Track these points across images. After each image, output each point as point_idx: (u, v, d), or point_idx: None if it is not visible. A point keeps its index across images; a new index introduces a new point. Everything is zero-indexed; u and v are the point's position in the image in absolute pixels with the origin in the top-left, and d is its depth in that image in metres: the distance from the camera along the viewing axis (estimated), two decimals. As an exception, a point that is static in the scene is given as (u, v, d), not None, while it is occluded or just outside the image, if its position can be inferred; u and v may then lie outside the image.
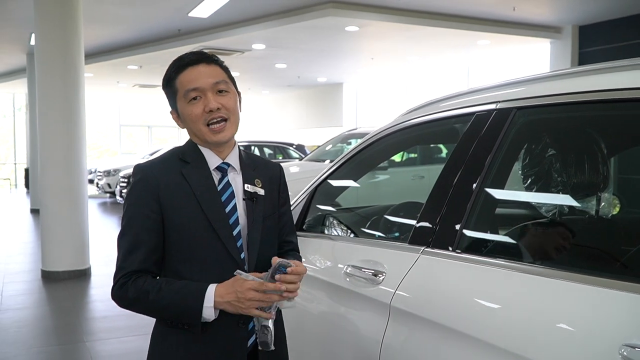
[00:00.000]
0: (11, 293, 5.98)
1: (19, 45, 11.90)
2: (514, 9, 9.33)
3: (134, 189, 1.60)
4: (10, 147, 22.71)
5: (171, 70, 1.61)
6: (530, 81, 1.73)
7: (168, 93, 1.64)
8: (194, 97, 1.57)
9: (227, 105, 1.60)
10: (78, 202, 6.61)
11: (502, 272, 1.53)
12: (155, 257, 1.57)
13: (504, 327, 1.42)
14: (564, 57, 10.83)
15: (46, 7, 6.43)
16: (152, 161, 1.65)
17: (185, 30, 10.67)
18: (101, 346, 4.37)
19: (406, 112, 2.23)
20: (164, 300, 1.50)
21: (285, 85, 18.90)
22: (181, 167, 1.61)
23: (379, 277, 1.87)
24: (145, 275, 1.55)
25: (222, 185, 1.63)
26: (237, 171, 1.67)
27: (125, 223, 1.59)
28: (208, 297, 1.49)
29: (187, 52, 1.65)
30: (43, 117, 6.56)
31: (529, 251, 1.73)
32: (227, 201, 1.61)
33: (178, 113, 1.64)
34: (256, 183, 1.66)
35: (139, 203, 1.57)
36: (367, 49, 12.47)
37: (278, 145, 14.48)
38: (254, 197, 1.64)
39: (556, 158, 1.79)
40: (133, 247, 1.55)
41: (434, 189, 1.86)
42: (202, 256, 1.57)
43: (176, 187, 1.58)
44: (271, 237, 1.69)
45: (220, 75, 1.61)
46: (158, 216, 1.56)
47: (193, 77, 1.58)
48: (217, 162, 1.64)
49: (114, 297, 1.57)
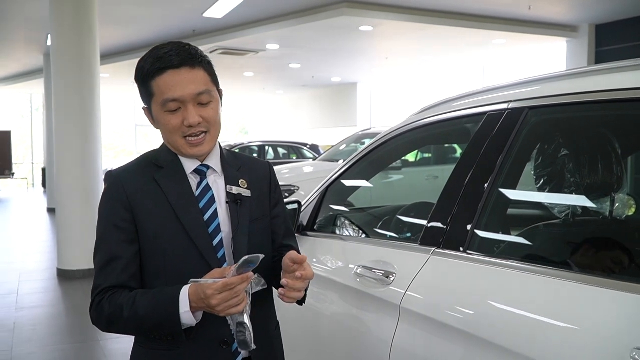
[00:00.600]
0: (27, 291, 6.05)
1: (36, 45, 12.04)
2: (529, 8, 9.26)
3: (103, 197, 1.47)
4: (27, 147, 22.97)
5: (148, 68, 1.41)
6: (543, 80, 1.71)
7: (141, 90, 1.46)
8: (173, 108, 1.40)
9: (208, 118, 1.42)
10: (93, 201, 6.66)
11: (514, 273, 1.51)
12: (133, 271, 1.42)
13: (515, 330, 1.40)
14: (581, 56, 10.73)
15: (61, 8, 6.49)
16: (125, 166, 1.51)
17: (200, 31, 10.72)
18: (114, 345, 4.40)
19: (418, 112, 2.22)
20: (139, 314, 1.34)
21: (300, 85, 18.92)
22: (154, 172, 1.46)
23: (389, 278, 1.85)
24: (120, 291, 1.39)
25: (200, 190, 1.47)
26: (219, 173, 1.51)
27: (97, 237, 1.45)
28: (183, 302, 1.32)
29: (168, 43, 1.44)
30: (59, 117, 6.63)
31: (541, 252, 1.71)
32: (206, 207, 1.46)
33: (151, 113, 1.47)
34: (241, 184, 1.50)
35: (109, 214, 1.44)
36: (381, 48, 12.45)
37: (292, 145, 14.49)
38: (238, 199, 1.48)
39: (569, 158, 1.76)
40: (106, 262, 1.41)
41: (445, 189, 1.84)
42: (179, 269, 1.41)
43: (148, 194, 1.43)
44: (262, 242, 1.52)
45: (204, 83, 1.42)
46: (131, 226, 1.42)
47: (173, 85, 1.39)
48: (194, 165, 1.49)
49: (92, 320, 1.43)
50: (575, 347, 1.26)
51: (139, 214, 1.42)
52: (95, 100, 6.67)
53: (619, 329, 1.21)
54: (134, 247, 1.43)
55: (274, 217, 1.60)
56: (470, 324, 1.52)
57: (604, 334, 1.23)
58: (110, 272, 1.40)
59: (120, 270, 1.40)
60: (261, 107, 25.49)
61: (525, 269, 1.49)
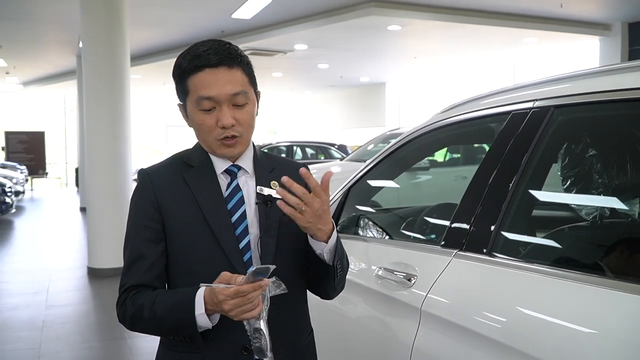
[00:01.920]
0: (57, 290, 6.15)
1: (69, 47, 12.27)
2: (561, 6, 9.10)
3: (133, 195, 1.46)
4: (61, 147, 23.44)
5: (185, 66, 1.39)
6: (569, 78, 1.66)
7: (178, 87, 1.44)
8: (208, 107, 1.38)
9: (242, 120, 1.39)
10: (123, 201, 6.74)
11: (538, 277, 1.46)
12: (157, 270, 1.41)
13: (539, 335, 1.36)
14: (614, 54, 10.51)
15: (92, 11, 6.59)
16: (155, 165, 1.50)
17: (228, 32, 10.78)
18: (142, 343, 4.44)
19: (442, 111, 2.18)
20: (157, 314, 1.34)
21: (328, 85, 18.91)
22: (184, 171, 1.45)
23: (410, 281, 1.82)
24: (144, 290, 1.38)
25: (229, 191, 1.44)
26: (250, 174, 1.47)
27: (126, 234, 1.45)
28: (198, 304, 1.30)
29: (207, 40, 1.41)
30: (90, 118, 6.74)
31: (567, 255, 1.66)
32: (234, 208, 1.42)
33: (186, 111, 1.45)
34: (272, 185, 1.44)
35: (138, 212, 1.43)
36: (410, 48, 12.36)
37: (320, 145, 14.49)
38: (268, 201, 1.42)
39: (597, 158, 1.71)
40: (132, 260, 1.41)
41: (468, 190, 1.80)
42: (204, 271, 1.38)
43: (176, 193, 1.42)
44: (292, 245, 1.45)
45: (241, 83, 1.39)
46: (158, 225, 1.41)
47: (209, 83, 1.36)
48: (225, 165, 1.45)
49: (118, 318, 1.43)
50: (603, 353, 1.21)
51: (166, 213, 1.41)
52: (125, 101, 6.76)
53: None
54: (160, 246, 1.42)
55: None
56: (492, 329, 1.48)
57: (634, 341, 1.18)
58: (135, 271, 1.40)
59: (145, 270, 1.40)
60: (290, 107, 25.57)
61: (551, 272, 1.45)
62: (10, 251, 8.43)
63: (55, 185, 21.83)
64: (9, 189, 11.05)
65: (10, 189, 11.17)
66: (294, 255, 1.47)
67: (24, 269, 7.21)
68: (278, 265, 1.34)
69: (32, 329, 4.79)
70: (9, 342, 4.49)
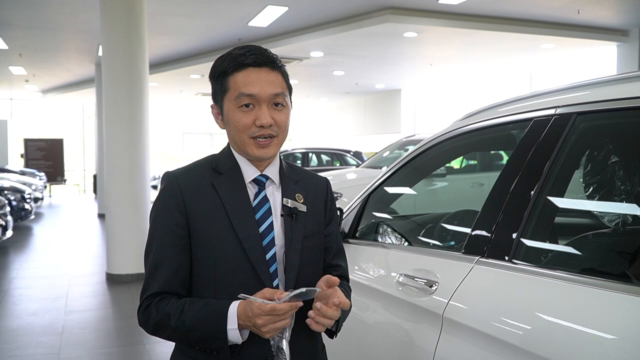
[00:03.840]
0: (76, 295, 6.21)
1: (89, 55, 12.43)
2: (578, 12, 9.05)
3: (158, 199, 1.44)
4: (80, 154, 23.69)
5: (227, 65, 1.41)
6: (592, 85, 1.66)
7: (216, 87, 1.45)
8: (247, 103, 1.39)
9: (279, 122, 1.41)
10: (142, 207, 6.82)
11: (561, 283, 1.46)
12: (182, 277, 1.41)
13: (562, 342, 1.35)
14: (632, 60, 10.44)
15: (112, 20, 6.67)
16: (183, 168, 1.49)
17: (245, 39, 10.86)
18: (160, 348, 4.47)
19: (462, 118, 2.18)
20: (186, 324, 1.33)
21: (344, 92, 18.95)
22: (213, 178, 1.44)
23: (431, 287, 1.82)
24: (169, 297, 1.39)
25: (257, 201, 1.44)
26: (277, 185, 1.49)
27: (149, 238, 1.44)
28: (231, 318, 1.31)
29: (247, 44, 1.45)
30: (109, 126, 6.81)
31: (591, 263, 1.65)
32: (262, 219, 1.43)
33: (222, 112, 1.46)
34: (297, 198, 1.48)
35: (163, 216, 1.42)
36: (426, 54, 12.36)
37: (335, 152, 14.49)
38: (293, 213, 1.45)
39: (620, 165, 1.70)
40: (156, 266, 1.40)
41: (490, 197, 1.80)
42: (229, 280, 1.39)
43: (205, 200, 1.41)
44: (314, 259, 1.50)
45: (281, 86, 1.42)
46: (184, 231, 1.41)
47: (251, 81, 1.38)
48: (254, 174, 1.46)
49: (139, 321, 1.43)
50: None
51: (193, 220, 1.40)
52: (144, 109, 6.83)
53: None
54: (185, 252, 1.41)
55: (327, 235, 1.57)
56: (515, 336, 1.48)
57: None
58: (159, 277, 1.39)
59: (170, 276, 1.39)
60: (305, 114, 25.64)
61: (575, 279, 1.44)
62: (30, 257, 8.52)
63: (73, 192, 22.05)
64: (28, 196, 11.18)
65: (30, 195, 11.31)
66: (315, 270, 1.51)
67: (44, 274, 7.28)
68: (300, 280, 1.41)
69: (52, 334, 4.85)
70: (29, 347, 4.53)
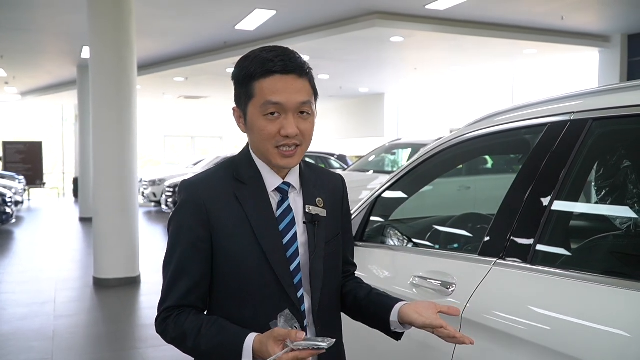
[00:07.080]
0: (64, 300, 6.14)
1: (70, 57, 12.29)
2: (562, 18, 9.20)
3: (180, 210, 1.40)
4: (58, 157, 23.37)
5: (254, 70, 1.35)
6: (608, 91, 1.70)
7: (240, 90, 1.39)
8: (273, 112, 1.34)
9: (305, 131, 1.38)
10: (129, 211, 6.76)
11: (580, 284, 1.49)
12: (201, 291, 1.40)
13: (582, 341, 1.39)
14: (613, 66, 10.63)
15: (100, 22, 6.61)
16: (201, 177, 1.44)
17: (231, 43, 10.84)
18: (154, 353, 4.44)
19: (472, 123, 2.21)
20: (201, 347, 1.32)
21: (327, 95, 18.98)
22: (235, 189, 1.40)
23: (448, 289, 1.85)
24: (188, 311, 1.37)
25: (281, 211, 1.42)
26: (298, 191, 1.46)
27: (169, 249, 1.41)
28: (246, 352, 1.26)
29: (274, 47, 1.38)
30: (97, 128, 6.74)
31: (611, 264, 1.68)
32: (286, 230, 1.40)
33: (245, 116, 1.40)
34: (318, 203, 1.46)
35: (185, 228, 1.38)
36: (411, 59, 12.45)
37: (320, 155, 14.50)
38: (315, 220, 1.44)
39: (634, 170, 1.75)
40: (176, 278, 1.38)
41: (505, 200, 1.83)
42: (253, 292, 1.38)
43: (229, 212, 1.38)
44: (335, 263, 1.51)
45: (308, 94, 1.38)
46: (206, 244, 1.38)
47: (279, 89, 1.33)
48: (276, 182, 1.43)
49: (157, 330, 1.42)
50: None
51: (217, 233, 1.38)
52: (132, 111, 6.78)
53: None
54: (206, 265, 1.39)
55: (344, 232, 1.58)
56: (535, 335, 1.50)
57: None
58: (178, 290, 1.37)
59: (189, 290, 1.38)
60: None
61: (592, 279, 1.47)
62: (14, 261, 8.40)
63: (52, 196, 21.75)
64: (10, 199, 11.02)
65: (11, 199, 11.15)
66: (336, 273, 1.52)
67: (28, 278, 7.18)
68: (324, 285, 1.42)
69: (43, 339, 4.78)
70: (22, 352, 4.47)
